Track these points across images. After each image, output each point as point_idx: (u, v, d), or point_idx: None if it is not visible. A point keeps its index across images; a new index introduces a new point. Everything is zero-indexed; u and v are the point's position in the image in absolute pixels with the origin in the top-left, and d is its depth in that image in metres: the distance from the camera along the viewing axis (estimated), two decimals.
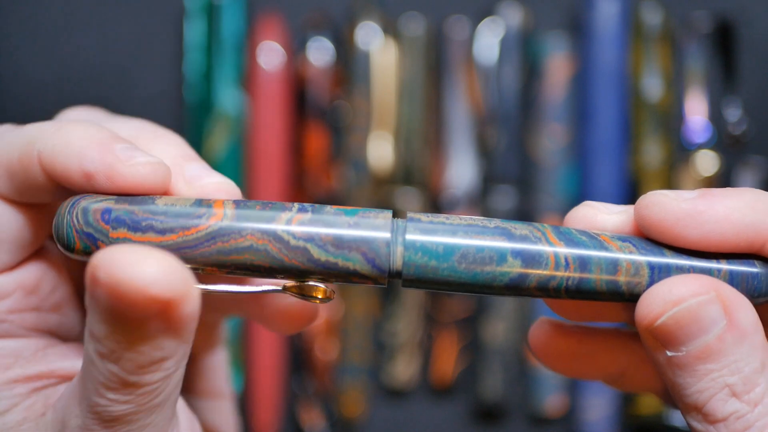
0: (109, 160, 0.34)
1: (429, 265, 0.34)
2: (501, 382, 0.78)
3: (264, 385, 0.77)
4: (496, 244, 0.34)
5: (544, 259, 0.34)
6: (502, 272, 0.34)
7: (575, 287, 0.34)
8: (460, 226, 0.34)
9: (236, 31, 0.76)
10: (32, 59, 0.77)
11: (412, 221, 0.34)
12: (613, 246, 0.34)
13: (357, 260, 0.34)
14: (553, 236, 0.34)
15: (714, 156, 0.76)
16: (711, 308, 0.33)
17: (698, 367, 0.33)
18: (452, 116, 0.77)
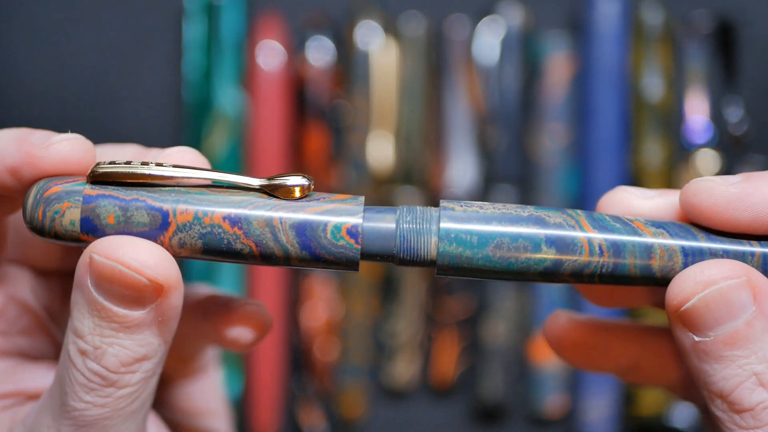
0: (27, 148, 0.35)
1: (463, 255, 0.34)
2: (501, 382, 0.77)
3: (264, 385, 0.77)
4: (530, 232, 0.34)
5: (578, 247, 0.34)
6: (537, 260, 0.34)
7: (609, 273, 0.34)
8: (494, 216, 0.34)
9: (236, 30, 0.76)
10: (32, 60, 0.77)
11: (445, 210, 0.34)
12: (647, 232, 0.34)
13: None
14: (587, 223, 0.34)
15: (715, 156, 0.76)
16: (741, 293, 0.32)
17: (725, 353, 0.32)
18: (452, 116, 0.77)
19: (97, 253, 0.32)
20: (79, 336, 0.33)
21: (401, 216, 0.34)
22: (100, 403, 0.33)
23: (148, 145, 0.38)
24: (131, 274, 0.32)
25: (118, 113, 0.77)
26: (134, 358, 0.33)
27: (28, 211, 0.34)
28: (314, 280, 0.77)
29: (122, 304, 0.32)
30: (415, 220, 0.34)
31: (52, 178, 0.34)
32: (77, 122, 0.77)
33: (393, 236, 0.34)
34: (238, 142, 0.76)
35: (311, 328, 0.77)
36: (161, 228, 0.33)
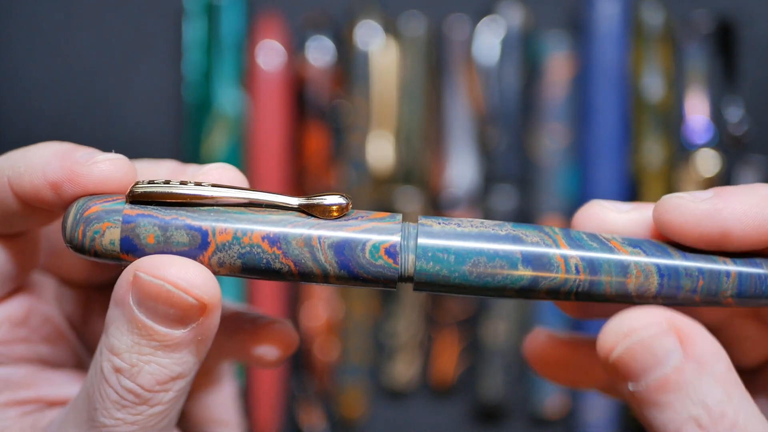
0: (70, 164, 0.35)
1: (440, 273, 0.34)
2: (501, 382, 0.77)
3: (264, 385, 0.77)
4: (507, 251, 0.34)
5: (554, 266, 0.34)
6: (513, 279, 0.34)
7: (585, 292, 0.34)
8: (471, 234, 0.34)
9: (236, 30, 0.76)
10: (32, 60, 0.77)
11: (423, 227, 0.34)
12: (623, 251, 0.34)
13: None
14: (564, 242, 0.34)
15: (715, 156, 0.76)
16: (664, 339, 0.32)
17: (660, 399, 0.32)
18: (452, 115, 0.77)
19: (143, 272, 0.32)
20: (115, 353, 0.33)
21: None
22: (130, 421, 0.33)
23: (148, 145, 0.38)
24: (178, 293, 0.32)
25: (118, 113, 0.77)
26: (170, 377, 0.33)
27: (68, 231, 0.34)
28: None
29: (165, 323, 0.33)
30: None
31: (91, 197, 0.34)
32: (77, 122, 0.77)
33: None
34: (238, 142, 0.76)
35: (311, 328, 0.77)
36: (201, 248, 0.33)
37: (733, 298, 0.34)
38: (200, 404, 0.43)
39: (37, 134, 0.77)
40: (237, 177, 0.36)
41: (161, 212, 0.33)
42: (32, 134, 0.77)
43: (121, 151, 0.35)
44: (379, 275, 0.34)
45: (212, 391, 0.44)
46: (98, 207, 0.34)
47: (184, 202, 0.34)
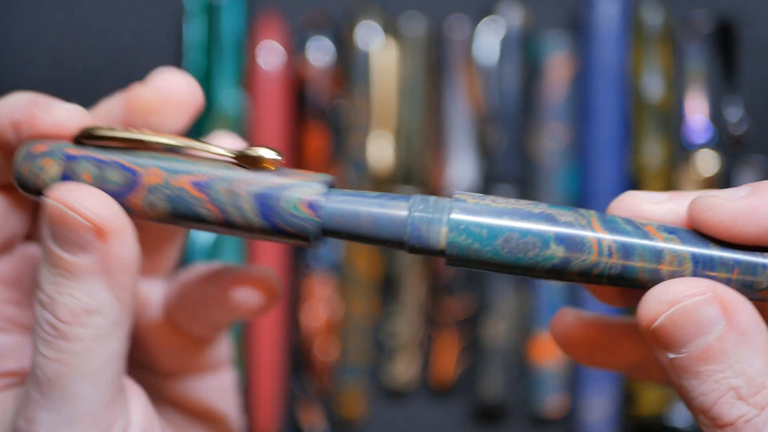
0: (30, 108, 0.38)
1: (472, 247, 0.34)
2: (501, 382, 0.77)
3: (264, 385, 0.77)
4: (540, 229, 0.34)
5: (587, 247, 0.34)
6: (545, 258, 0.34)
7: (617, 275, 0.34)
8: (506, 210, 0.34)
9: (236, 30, 0.76)
10: (32, 58, 0.77)
11: (458, 201, 0.34)
12: (658, 237, 0.34)
13: None
14: (598, 224, 0.34)
15: (715, 156, 0.76)
16: (709, 308, 0.32)
17: (700, 368, 0.32)
18: (452, 116, 0.77)
19: (50, 197, 0.34)
20: (39, 288, 0.34)
21: (414, 204, 0.35)
22: (55, 358, 0.34)
23: None
24: (71, 215, 0.33)
25: None
26: (83, 309, 0.34)
27: (16, 168, 0.36)
28: (314, 280, 0.77)
29: (67, 249, 0.34)
30: (428, 209, 0.34)
31: (43, 139, 0.36)
32: None
33: (404, 223, 0.34)
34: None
35: (311, 328, 0.77)
36: (131, 187, 0.35)
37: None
38: (193, 389, 0.43)
39: None
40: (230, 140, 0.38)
41: (101, 153, 0.35)
42: None
43: None
44: (299, 227, 0.34)
45: (207, 376, 0.44)
46: (44, 146, 0.36)
47: (125, 147, 0.35)
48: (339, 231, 0.35)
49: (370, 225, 0.35)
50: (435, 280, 0.78)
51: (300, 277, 0.77)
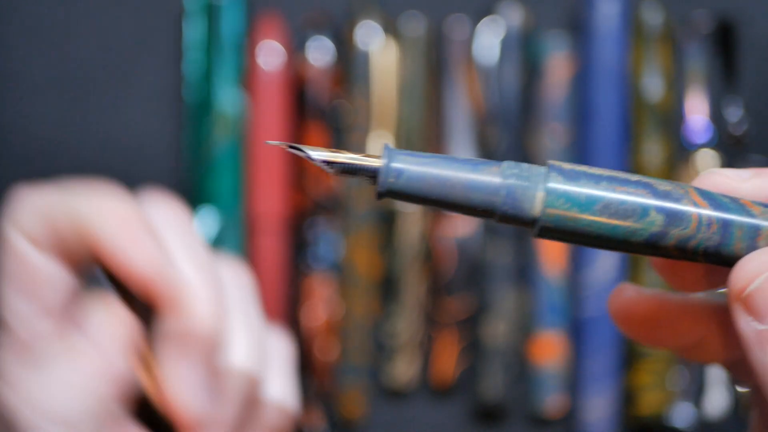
0: None
1: (570, 212, 0.33)
2: (501, 382, 0.77)
3: None
4: (640, 197, 0.33)
5: (687, 217, 0.33)
6: (644, 225, 0.33)
7: (714, 249, 0.33)
8: (603, 176, 0.33)
9: (236, 30, 0.76)
10: (32, 60, 0.77)
11: (554, 167, 0.33)
12: (756, 210, 0.33)
13: None
14: (697, 195, 0.33)
15: (715, 156, 0.76)
16: None
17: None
18: (452, 116, 0.77)
19: None
20: None
21: (508, 168, 0.33)
22: None
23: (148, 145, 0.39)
24: None
25: (118, 113, 0.77)
26: None
27: None
28: (314, 280, 0.77)
29: None
30: (522, 175, 0.33)
31: None
32: (77, 122, 0.77)
33: (497, 189, 0.33)
34: (238, 142, 0.76)
35: (311, 328, 0.77)
36: None
37: None
38: None
39: (37, 134, 0.77)
40: None
41: None
42: (32, 134, 0.77)
43: (122, 150, 0.35)
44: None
45: None
46: None
47: None
48: (427, 196, 0.33)
49: (461, 191, 0.33)
50: (435, 280, 0.78)
51: (300, 277, 0.77)
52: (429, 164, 0.33)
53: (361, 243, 0.76)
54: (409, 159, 0.33)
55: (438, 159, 0.33)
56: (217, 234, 0.75)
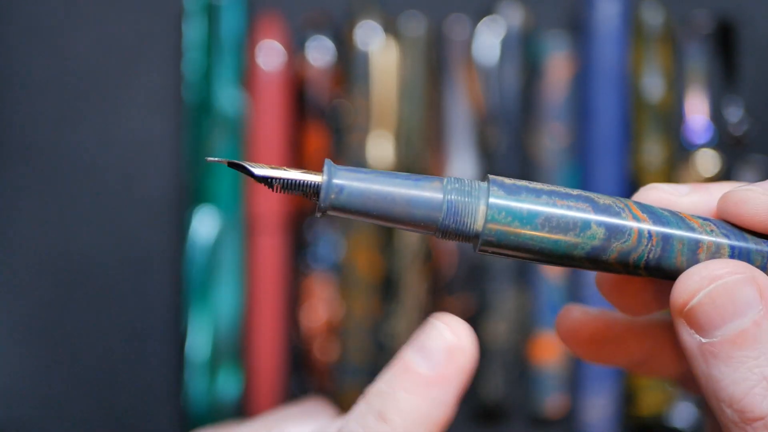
0: None
1: (511, 226, 0.33)
2: (501, 382, 0.77)
3: (264, 385, 0.77)
4: (581, 211, 0.33)
5: (627, 230, 0.33)
6: (585, 240, 0.33)
7: (656, 263, 0.33)
8: (544, 190, 0.33)
9: (236, 30, 0.76)
10: (31, 59, 0.77)
11: (495, 182, 0.33)
12: (695, 223, 0.34)
13: None
14: (637, 209, 0.33)
15: (715, 156, 0.76)
16: (747, 289, 0.32)
17: (733, 353, 0.31)
18: (452, 116, 0.77)
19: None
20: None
21: (449, 184, 0.33)
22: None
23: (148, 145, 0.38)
24: None
25: (118, 113, 0.77)
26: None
27: None
28: (314, 280, 0.77)
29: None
30: (464, 189, 0.33)
31: None
32: (77, 122, 0.77)
33: (439, 204, 0.33)
34: (238, 142, 0.76)
35: (311, 328, 0.77)
36: None
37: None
38: None
39: (37, 134, 0.77)
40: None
41: None
42: (32, 134, 0.77)
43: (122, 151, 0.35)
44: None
45: None
46: None
47: None
48: (368, 212, 0.33)
49: (403, 207, 0.33)
50: (435, 280, 0.78)
51: (300, 277, 0.77)
52: (371, 180, 0.33)
53: (361, 243, 0.76)
54: (350, 175, 0.33)
55: (380, 175, 0.33)
56: (217, 234, 0.75)
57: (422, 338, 0.33)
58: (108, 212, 0.77)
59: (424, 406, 0.33)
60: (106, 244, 0.77)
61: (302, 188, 0.34)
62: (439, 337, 0.33)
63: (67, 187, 0.77)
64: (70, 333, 0.77)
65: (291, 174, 0.34)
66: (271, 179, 0.34)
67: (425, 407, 0.33)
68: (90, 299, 0.77)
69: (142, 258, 0.78)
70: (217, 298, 0.75)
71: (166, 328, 0.78)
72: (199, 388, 0.76)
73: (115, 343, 0.78)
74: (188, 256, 0.75)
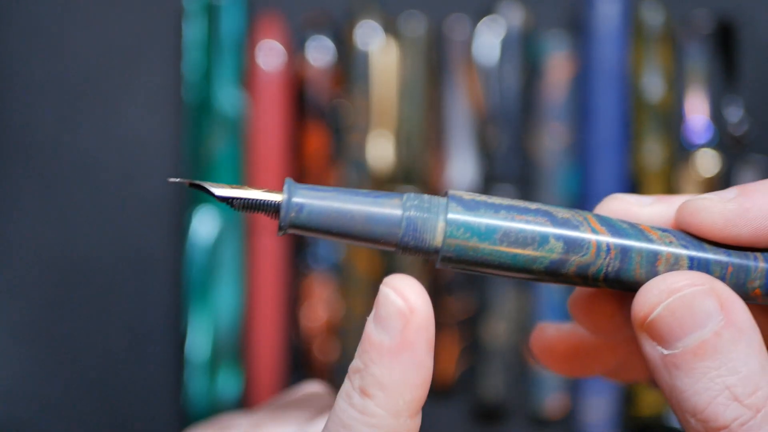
0: None
1: (470, 242, 0.33)
2: (502, 382, 0.77)
3: (264, 385, 0.77)
4: (539, 225, 0.33)
5: (586, 244, 0.33)
6: (543, 254, 0.33)
7: (614, 275, 0.34)
8: (503, 206, 0.34)
9: (236, 30, 0.76)
10: (31, 60, 0.77)
11: (454, 197, 0.34)
12: (654, 235, 0.34)
13: None
14: (596, 222, 0.34)
15: (715, 156, 0.76)
16: (707, 301, 0.32)
17: (695, 365, 0.32)
18: (452, 115, 0.77)
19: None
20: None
21: (408, 200, 0.34)
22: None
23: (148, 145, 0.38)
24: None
25: (118, 113, 0.77)
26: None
27: None
28: (314, 280, 0.77)
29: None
30: (422, 206, 0.34)
31: None
32: (77, 122, 0.77)
33: (399, 221, 0.33)
34: (238, 143, 0.76)
35: (311, 328, 0.77)
36: None
37: (761, 289, 0.34)
38: None
39: (38, 134, 0.77)
40: None
41: None
42: (32, 134, 0.77)
43: (121, 151, 0.35)
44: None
45: None
46: None
47: None
48: (328, 229, 0.34)
49: (362, 224, 0.33)
50: (435, 280, 0.78)
51: (300, 277, 0.77)
52: (330, 198, 0.34)
53: None
54: (310, 193, 0.34)
55: (340, 192, 0.34)
56: (217, 234, 0.75)
57: (376, 308, 0.33)
58: (108, 212, 0.77)
59: (399, 373, 0.33)
60: (106, 244, 0.77)
61: (262, 207, 0.34)
62: (389, 304, 0.33)
63: (67, 187, 0.77)
64: (70, 333, 0.77)
65: (251, 194, 0.34)
66: (231, 199, 0.34)
67: (400, 374, 0.33)
68: (90, 299, 0.77)
69: (142, 258, 0.78)
70: (217, 298, 0.75)
71: (166, 328, 0.78)
72: (199, 388, 0.76)
73: (115, 342, 0.78)
74: (188, 256, 0.75)
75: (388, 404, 0.33)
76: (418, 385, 0.33)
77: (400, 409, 0.33)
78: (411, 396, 0.33)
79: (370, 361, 0.33)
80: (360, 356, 0.33)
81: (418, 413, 0.34)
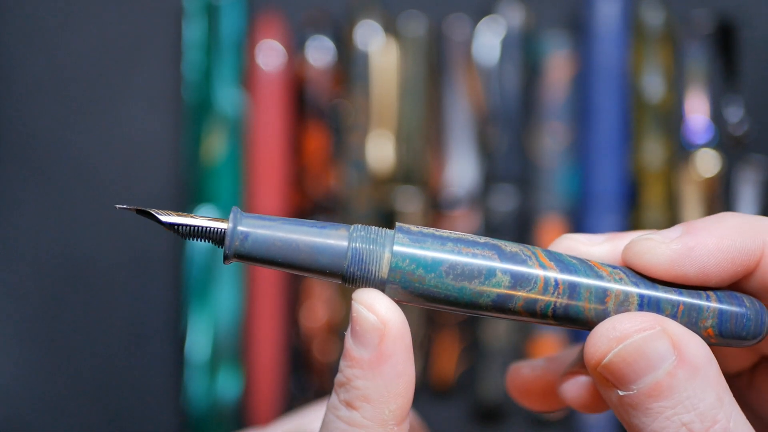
0: None
1: (416, 273, 0.33)
2: (502, 383, 0.77)
3: (264, 386, 0.77)
4: (486, 258, 0.33)
5: (533, 278, 0.33)
6: (490, 289, 0.33)
7: (563, 312, 0.33)
8: (450, 238, 0.33)
9: (236, 30, 0.76)
10: (32, 60, 0.77)
11: (401, 229, 0.34)
12: (604, 272, 0.34)
13: None
14: (544, 257, 0.34)
15: (715, 156, 0.76)
16: (658, 343, 0.32)
17: (651, 405, 0.32)
18: (453, 115, 0.77)
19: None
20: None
21: (355, 231, 0.34)
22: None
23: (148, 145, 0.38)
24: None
25: (118, 113, 0.77)
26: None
27: None
28: (314, 280, 0.77)
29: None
30: (369, 237, 0.34)
31: None
32: (77, 122, 0.77)
33: (344, 253, 0.33)
34: (238, 143, 0.76)
35: (311, 329, 0.77)
36: None
37: (713, 329, 0.34)
38: None
39: (38, 134, 0.77)
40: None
41: None
42: (32, 134, 0.77)
43: (121, 151, 0.35)
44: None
45: None
46: None
47: None
48: (274, 259, 0.34)
49: (308, 254, 0.33)
50: None
51: (300, 277, 0.77)
52: (276, 227, 0.34)
53: None
54: (256, 222, 0.34)
55: (286, 222, 0.34)
56: None
57: (352, 324, 0.34)
58: (108, 212, 0.77)
59: (381, 385, 0.33)
60: (106, 244, 0.77)
61: (208, 235, 0.34)
62: (363, 320, 0.33)
63: (68, 187, 0.77)
64: (71, 333, 0.77)
65: (197, 221, 0.34)
66: (177, 226, 0.34)
67: (382, 386, 0.33)
68: (90, 299, 0.77)
69: (142, 258, 0.78)
70: (217, 298, 0.75)
71: (166, 328, 0.78)
72: (199, 388, 0.76)
73: (115, 342, 0.78)
74: (188, 256, 0.75)
75: (375, 415, 0.33)
76: (401, 393, 0.33)
77: (386, 419, 0.34)
78: (396, 405, 0.34)
79: (353, 375, 0.33)
80: (343, 371, 0.34)
81: (405, 420, 0.34)
